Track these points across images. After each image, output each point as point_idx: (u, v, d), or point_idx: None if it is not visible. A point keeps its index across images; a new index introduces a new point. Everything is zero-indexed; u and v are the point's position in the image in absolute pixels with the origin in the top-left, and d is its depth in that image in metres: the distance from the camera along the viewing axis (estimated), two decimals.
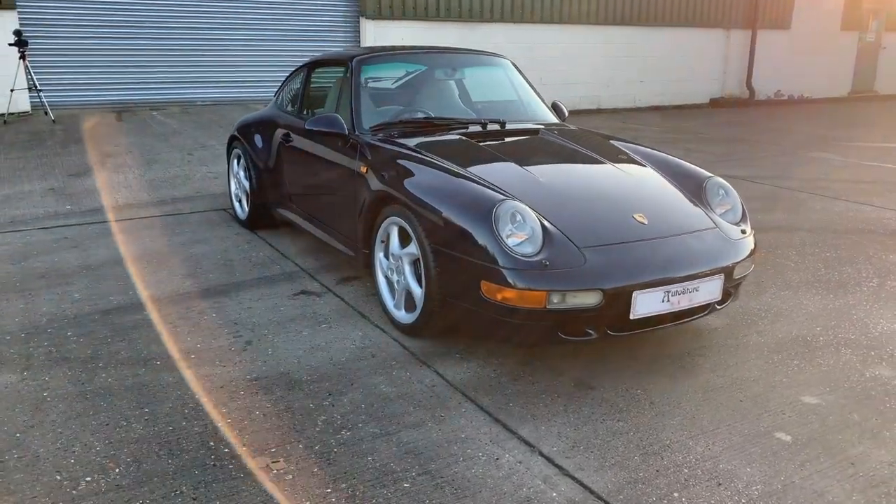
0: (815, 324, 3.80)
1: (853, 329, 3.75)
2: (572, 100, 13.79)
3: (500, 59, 4.93)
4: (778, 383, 3.14)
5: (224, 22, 11.22)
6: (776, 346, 3.51)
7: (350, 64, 4.33)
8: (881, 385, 3.14)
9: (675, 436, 2.71)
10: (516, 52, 12.93)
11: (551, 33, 13.38)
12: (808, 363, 3.34)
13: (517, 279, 2.91)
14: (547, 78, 13.33)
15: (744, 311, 3.95)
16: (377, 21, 11.91)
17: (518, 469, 2.48)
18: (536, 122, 4.51)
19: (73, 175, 7.07)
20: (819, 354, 3.44)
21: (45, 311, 3.82)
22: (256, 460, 2.51)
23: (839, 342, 3.58)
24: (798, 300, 4.15)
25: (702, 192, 3.58)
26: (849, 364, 3.34)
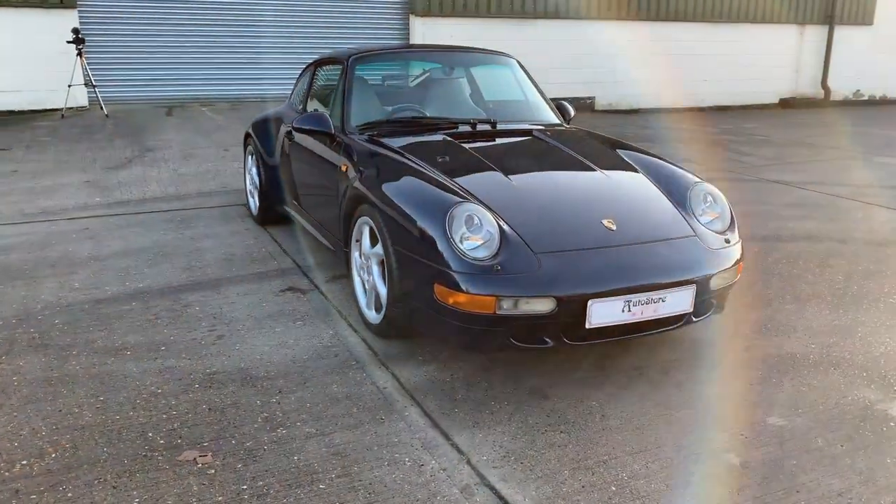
0: (811, 340, 3.59)
1: (852, 348, 3.52)
2: (627, 99, 13.51)
3: (505, 58, 4.85)
4: (747, 402, 2.97)
5: (276, 19, 11.47)
6: (759, 363, 3.33)
7: (346, 62, 4.34)
8: (860, 409, 2.93)
9: (615, 451, 2.60)
10: (570, 49, 12.79)
11: (608, 30, 13.10)
12: (788, 382, 3.15)
13: (467, 283, 2.85)
14: (599, 76, 13.11)
15: (736, 324, 3.76)
16: (426, 18, 11.94)
17: (439, 477, 2.43)
18: (536, 122, 4.42)
19: (110, 168, 7.35)
20: (804, 373, 3.24)
21: (42, 299, 3.97)
22: (186, 453, 2.54)
23: (831, 361, 3.37)
24: (802, 314, 3.93)
25: (686, 198, 3.43)
26: (833, 385, 3.14)
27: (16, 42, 10.00)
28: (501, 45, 12.31)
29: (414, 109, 4.25)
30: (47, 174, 7.05)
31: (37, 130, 9.13)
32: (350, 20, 11.83)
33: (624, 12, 13.22)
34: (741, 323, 3.78)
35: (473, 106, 4.44)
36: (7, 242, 5.00)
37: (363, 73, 4.33)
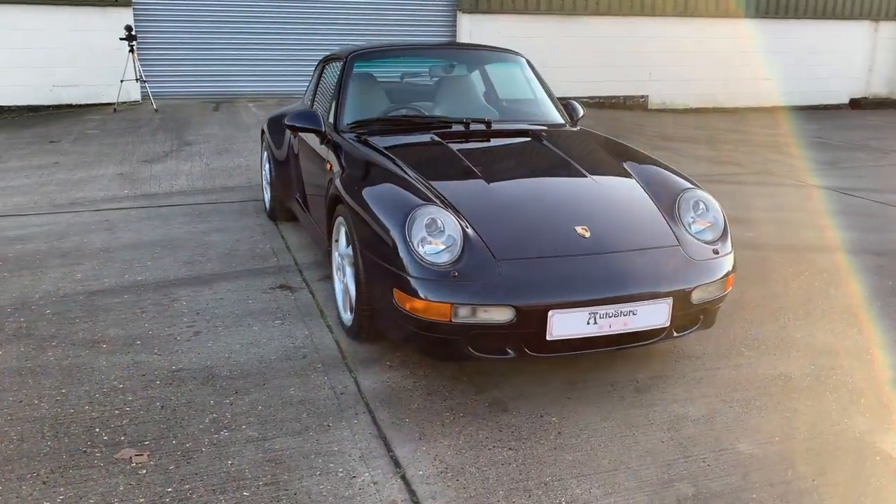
0: (812, 361, 3.34)
1: (856, 371, 3.25)
2: (682, 98, 13.08)
3: (513, 55, 4.70)
4: (720, 426, 2.77)
5: (323, 16, 11.54)
6: (746, 383, 3.11)
7: (346, 59, 4.28)
8: (847, 440, 2.69)
9: (561, 473, 2.46)
10: (621, 46, 12.46)
11: (661, 26, 12.70)
12: (773, 406, 2.93)
13: (423, 289, 2.75)
14: (656, 74, 12.74)
15: (734, 340, 3.54)
16: (472, 15, 11.82)
17: (368, 491, 2.35)
18: (537, 122, 4.26)
19: (146, 161, 7.53)
20: (794, 397, 3.01)
21: (41, 289, 4.07)
22: (123, 451, 2.53)
23: (829, 385, 3.12)
24: (810, 332, 3.66)
25: (675, 205, 3.23)
26: (823, 411, 2.90)
27: (74, 39, 10.37)
28: (549, 42, 12.18)
29: (411, 108, 4.16)
30: (85, 166, 7.27)
31: (87, 124, 9.45)
32: (398, 17, 11.81)
33: (681, 8, 12.77)
34: (740, 339, 3.55)
35: (473, 105, 4.31)
36: (29, 232, 5.16)
37: (362, 71, 4.26)
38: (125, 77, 10.14)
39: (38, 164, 7.33)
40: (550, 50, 12.24)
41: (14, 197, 6.15)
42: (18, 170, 7.13)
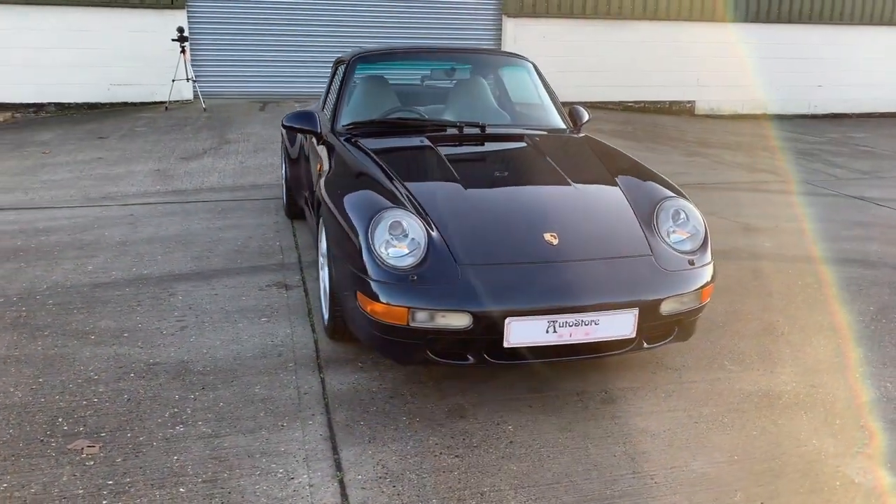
0: (798, 378, 3.19)
1: (840, 390, 3.09)
2: (730, 104, 12.70)
3: (519, 60, 4.64)
4: (680, 442, 2.67)
5: (370, 19, 11.66)
6: (719, 399, 2.99)
7: (349, 61, 4.32)
8: (808, 462, 2.56)
9: (501, 484, 2.41)
10: (669, 51, 12.18)
11: (710, 31, 12.34)
12: (741, 423, 2.80)
13: (382, 292, 2.74)
14: (704, 79, 12.41)
15: (718, 352, 3.41)
16: (517, 19, 11.74)
17: (302, 493, 2.36)
18: (536, 127, 4.19)
19: (184, 158, 7.76)
20: (766, 414, 2.87)
21: (51, 279, 4.24)
22: (77, 442, 2.61)
23: (808, 403, 2.97)
24: (803, 347, 3.50)
25: (654, 214, 3.13)
26: (793, 431, 2.76)
27: (132, 40, 10.76)
28: (594, 46, 12.01)
29: (410, 111, 4.15)
30: (125, 162, 7.54)
31: (138, 121, 9.80)
32: (443, 20, 11.82)
33: (732, 14, 12.37)
34: (725, 352, 3.42)
35: (473, 108, 4.26)
36: (56, 224, 5.39)
37: (363, 73, 4.28)
38: (176, 77, 10.46)
39: (83, 160, 7.64)
40: (595, 54, 12.08)
41: (52, 190, 6.43)
42: (64, 164, 7.45)
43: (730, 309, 3.93)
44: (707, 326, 3.68)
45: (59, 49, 10.44)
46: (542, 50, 11.91)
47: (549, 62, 11.97)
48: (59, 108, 10.70)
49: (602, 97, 12.37)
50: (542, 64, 12.33)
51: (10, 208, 5.83)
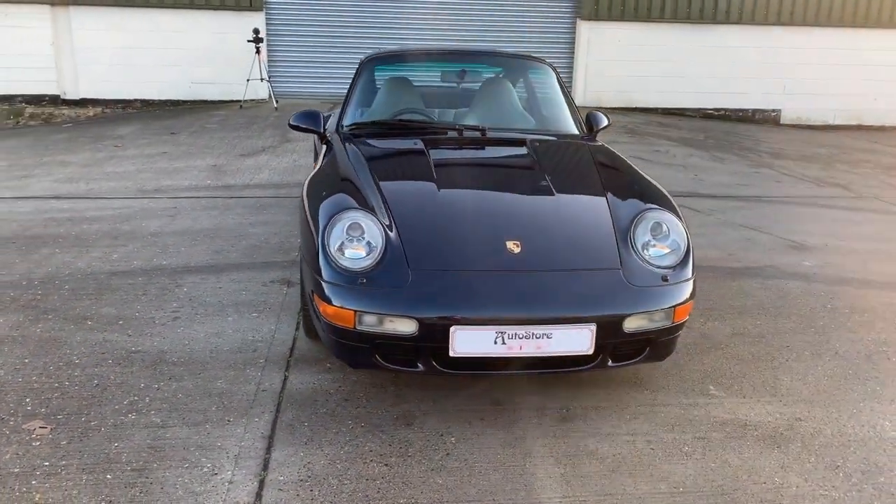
0: (783, 410, 2.94)
1: (829, 425, 2.83)
2: (820, 113, 11.95)
3: (537, 63, 4.51)
4: (628, 468, 2.51)
5: (443, 23, 11.69)
6: (688, 425, 2.80)
7: (361, 62, 4.33)
8: (763, 500, 2.35)
9: (420, 497, 2.34)
10: (754, 57, 11.61)
11: (801, 36, 11.65)
12: (703, 453, 2.61)
13: (332, 294, 2.72)
14: (791, 87, 11.75)
15: (705, 375, 3.20)
16: (592, 22, 11.48)
17: (219, 489, 2.37)
18: (546, 132, 4.06)
19: (242, 155, 8.02)
20: (734, 446, 2.66)
21: (75, 266, 4.46)
22: (33, 423, 2.72)
23: (785, 437, 2.73)
24: (802, 376, 3.24)
25: (631, 227, 2.96)
26: (760, 466, 2.54)
27: (213, 40, 11.24)
28: (673, 51, 11.59)
29: (416, 112, 4.10)
30: (187, 157, 7.87)
31: (211, 118, 10.21)
32: (517, 24, 11.69)
33: (825, 17, 11.62)
34: (714, 375, 3.20)
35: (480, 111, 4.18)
36: (102, 214, 5.67)
37: (375, 75, 4.28)
38: (251, 76, 10.83)
39: (149, 153, 8.02)
40: (674, 59, 11.66)
41: (112, 181, 6.78)
42: (130, 157, 7.85)
43: (736, 330, 3.69)
44: (704, 347, 3.47)
45: (146, 49, 11.02)
46: (618, 54, 11.62)
47: (624, 67, 11.72)
48: (145, 104, 11.29)
49: (680, 104, 11.93)
50: (617, 69, 12.01)
51: (68, 197, 6.18)
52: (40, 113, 10.69)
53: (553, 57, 11.78)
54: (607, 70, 11.64)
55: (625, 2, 11.43)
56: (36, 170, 7.24)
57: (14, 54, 10.78)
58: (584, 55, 11.63)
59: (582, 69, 11.69)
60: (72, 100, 11.11)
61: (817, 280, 4.50)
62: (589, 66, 11.68)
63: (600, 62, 11.66)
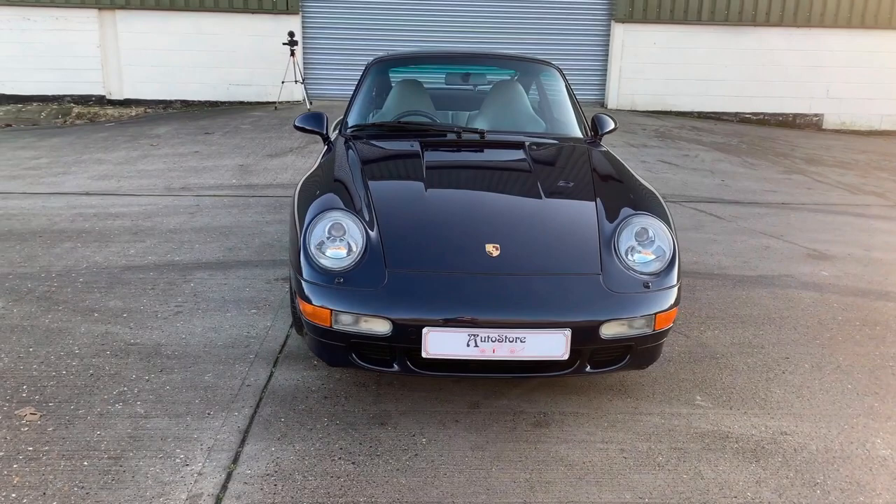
0: (771, 422, 2.87)
1: (815, 441, 2.75)
2: (866, 119, 11.59)
3: (544, 66, 4.48)
4: (595, 476, 2.49)
5: (476, 26, 11.70)
6: (666, 435, 2.75)
7: (368, 64, 4.37)
8: None
9: (381, 496, 2.36)
10: (795, 59, 11.33)
11: (846, 39, 11.30)
12: (676, 464, 2.57)
13: (310, 292, 2.77)
14: (835, 91, 11.42)
15: (694, 384, 3.15)
16: (627, 25, 11.34)
17: (187, 480, 2.42)
18: (548, 135, 4.04)
19: (269, 155, 8.16)
20: (711, 458, 2.61)
21: (92, 260, 4.60)
22: (25, 409, 2.83)
23: (767, 451, 2.66)
24: (796, 389, 3.15)
25: (615, 232, 2.93)
26: (733, 479, 2.49)
27: (250, 43, 11.46)
28: (710, 53, 11.40)
29: (419, 115, 4.12)
30: (217, 156, 8.04)
31: (245, 119, 10.41)
32: (551, 27, 11.62)
33: (871, 19, 11.25)
34: (704, 385, 3.14)
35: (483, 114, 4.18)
36: (127, 210, 5.84)
37: (380, 77, 4.32)
38: (286, 79, 11.01)
39: (181, 153, 8.23)
40: (712, 62, 11.44)
41: (142, 179, 6.98)
42: (163, 156, 8.06)
43: (736, 340, 3.61)
44: (699, 356, 3.41)
45: (187, 51, 11.30)
46: (653, 57, 11.46)
47: (659, 70, 11.55)
48: (185, 105, 11.57)
49: (717, 108, 11.69)
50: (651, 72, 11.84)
51: (98, 194, 6.39)
52: (86, 112, 11.06)
53: (586, 59, 11.69)
54: (641, 73, 11.49)
55: (661, 3, 11.26)
56: (73, 167, 7.49)
57: (63, 56, 11.17)
58: (617, 58, 11.50)
59: (616, 72, 11.56)
60: (116, 100, 11.46)
61: (832, 291, 4.37)
62: (623, 68, 11.54)
63: (634, 65, 11.51)
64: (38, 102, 11.28)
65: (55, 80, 11.24)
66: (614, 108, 11.66)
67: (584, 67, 11.73)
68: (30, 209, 5.78)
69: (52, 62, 11.19)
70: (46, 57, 11.16)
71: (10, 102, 11.29)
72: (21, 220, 5.47)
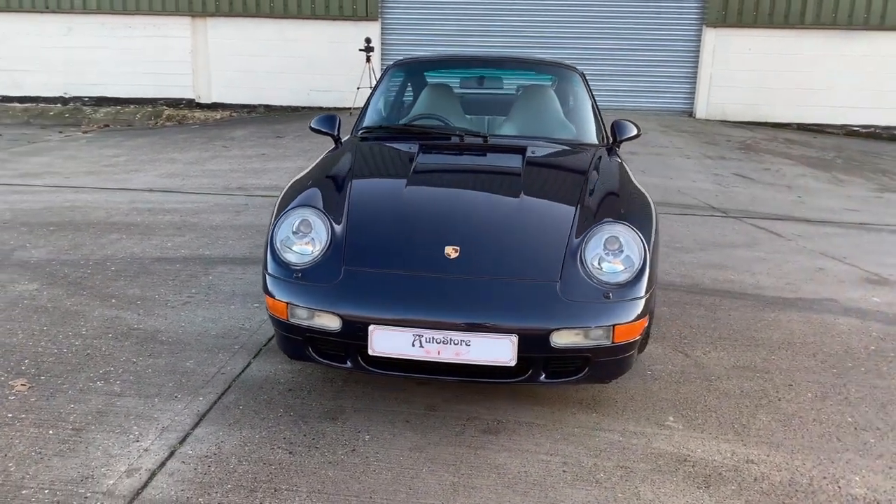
0: (742, 450, 2.70)
1: (781, 474, 2.57)
2: None
3: (566, 70, 4.41)
4: (524, 487, 2.43)
5: (558, 28, 11.60)
6: (618, 454, 2.64)
7: (385, 69, 4.46)
8: None
9: (302, 486, 2.40)
10: None
11: None
12: (614, 484, 2.47)
13: (271, 286, 2.85)
14: None
15: (671, 404, 3.00)
16: (719, 29, 10.93)
17: (132, 454, 2.54)
18: (560, 139, 3.96)
19: None
20: (657, 479, 2.49)
21: (131, 251, 4.89)
22: (18, 380, 3.05)
23: (724, 479, 2.51)
24: (788, 419, 2.95)
25: (584, 240, 2.85)
26: (669, 503, 2.36)
27: (331, 49, 11.85)
28: (814, 61, 10.84)
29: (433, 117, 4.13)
30: (281, 159, 8.36)
31: None
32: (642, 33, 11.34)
33: None
34: (685, 407, 2.99)
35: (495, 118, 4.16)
36: (181, 206, 6.17)
37: (396, 80, 4.38)
38: (361, 84, 11.29)
39: (249, 154, 8.61)
40: (814, 70, 10.82)
41: (205, 178, 7.35)
42: (231, 157, 8.45)
43: (740, 363, 3.42)
44: (691, 377, 3.26)
45: (270, 57, 11.81)
46: (748, 64, 10.98)
47: (754, 78, 11.05)
48: (267, 109, 12.09)
49: (820, 119, 11.03)
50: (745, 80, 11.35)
51: (160, 190, 6.78)
52: (175, 115, 11.74)
53: (675, 66, 11.34)
54: (733, 81, 11.03)
55: (758, 6, 10.75)
56: (146, 165, 7.98)
57: (159, 61, 11.94)
58: (707, 64, 11.10)
59: (705, 79, 11.15)
60: (205, 103, 12.11)
61: (877, 318, 4.06)
62: (713, 76, 11.12)
63: (726, 71, 11.06)
64: (135, 105, 12.08)
65: (151, 83, 12.01)
66: (703, 117, 11.26)
67: (670, 75, 11.42)
68: (93, 202, 6.20)
69: (149, 67, 11.96)
70: (144, 62, 11.96)
71: (111, 105, 12.15)
72: (83, 212, 5.88)
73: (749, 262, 4.95)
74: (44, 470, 2.44)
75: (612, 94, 11.46)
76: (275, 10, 11.63)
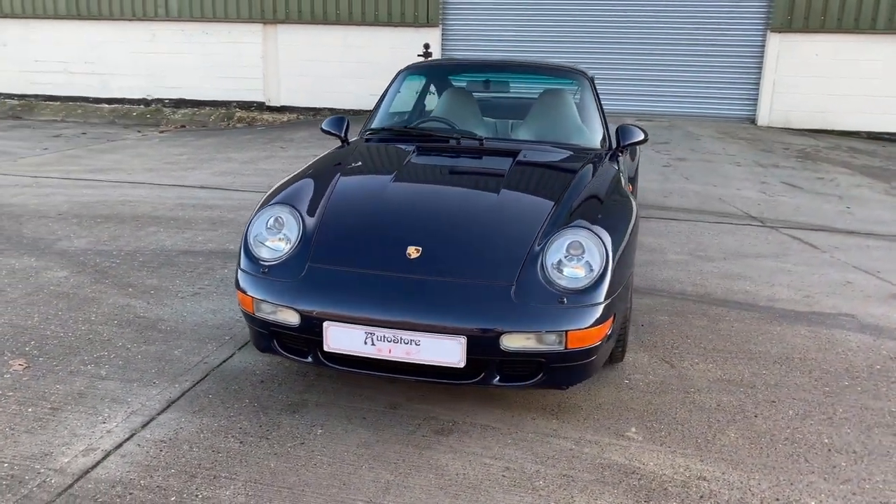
0: (698, 465, 2.61)
1: (732, 493, 2.46)
2: None
3: (574, 74, 4.34)
4: (455, 489, 2.42)
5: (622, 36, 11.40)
6: (566, 463, 2.60)
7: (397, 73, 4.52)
8: None
9: (241, 474, 2.48)
10: None
11: None
12: (550, 492, 2.43)
13: (241, 280, 2.95)
14: None
15: (638, 415, 2.92)
16: (784, 34, 10.48)
17: (95, 434, 2.69)
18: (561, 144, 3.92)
19: None
20: (597, 490, 2.44)
21: (161, 244, 5.14)
22: (17, 359, 3.28)
23: (669, 493, 2.43)
24: (756, 438, 2.82)
25: (547, 244, 2.82)
26: None
27: (392, 55, 12.01)
28: (888, 67, 10.13)
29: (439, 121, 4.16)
30: None
31: None
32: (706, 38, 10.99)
33: None
34: (651, 418, 2.91)
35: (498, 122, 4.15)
36: (224, 203, 6.43)
37: (405, 84, 4.44)
38: None
39: (302, 155, 8.85)
40: (889, 76, 10.22)
41: (254, 177, 7.62)
42: (285, 157, 8.73)
43: (726, 377, 3.29)
44: (671, 388, 3.18)
45: (334, 62, 12.12)
46: (814, 70, 10.48)
47: (821, 84, 10.55)
48: (332, 112, 12.37)
49: (892, 128, 10.43)
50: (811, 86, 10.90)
51: (210, 188, 7.08)
52: (246, 117, 12.20)
53: (737, 72, 10.94)
54: (798, 87, 10.55)
55: (826, 10, 10.26)
56: (204, 164, 8.35)
57: (233, 66, 12.44)
58: (771, 70, 10.65)
59: (769, 85, 10.70)
60: (274, 106, 12.53)
61: (891, 336, 3.82)
62: (777, 82, 10.67)
63: (791, 77, 10.59)
64: (210, 107, 12.63)
65: (225, 87, 12.52)
66: (765, 124, 10.82)
67: (732, 81, 11.03)
68: (144, 197, 6.54)
69: (224, 71, 12.48)
70: (219, 66, 12.49)
71: (189, 107, 12.74)
72: (131, 206, 6.22)
73: (771, 273, 4.74)
74: (10, 445, 2.62)
75: (673, 100, 11.18)
76: (340, 18, 11.93)
